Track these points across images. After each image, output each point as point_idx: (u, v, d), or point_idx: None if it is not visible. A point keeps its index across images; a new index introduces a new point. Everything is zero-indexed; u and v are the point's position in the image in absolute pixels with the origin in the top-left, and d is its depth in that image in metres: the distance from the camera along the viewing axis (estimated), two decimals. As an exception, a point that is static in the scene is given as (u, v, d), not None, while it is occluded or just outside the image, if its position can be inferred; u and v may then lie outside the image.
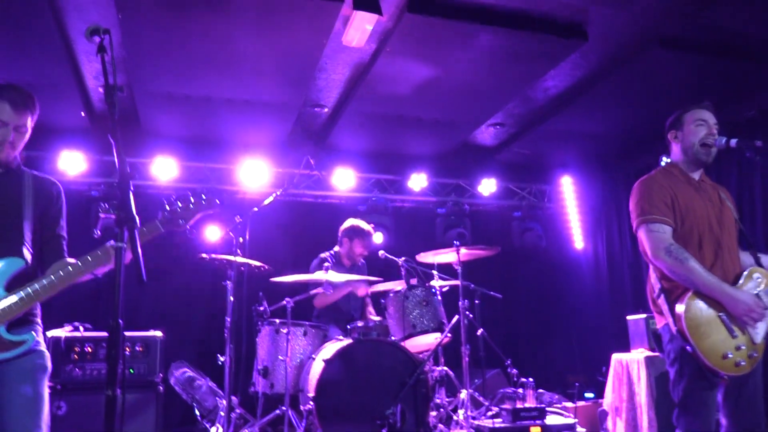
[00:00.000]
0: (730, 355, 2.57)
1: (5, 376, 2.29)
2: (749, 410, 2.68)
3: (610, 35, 4.46)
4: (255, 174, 6.31)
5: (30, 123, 2.50)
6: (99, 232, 2.49)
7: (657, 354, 4.64)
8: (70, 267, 2.34)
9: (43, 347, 2.43)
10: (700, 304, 2.62)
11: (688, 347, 2.59)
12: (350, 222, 5.43)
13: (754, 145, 2.81)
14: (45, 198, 2.55)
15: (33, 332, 2.35)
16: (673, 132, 2.98)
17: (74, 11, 4.04)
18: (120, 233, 1.69)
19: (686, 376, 2.64)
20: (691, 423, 2.65)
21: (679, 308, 2.62)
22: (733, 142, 2.84)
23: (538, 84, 5.19)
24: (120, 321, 1.62)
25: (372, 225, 5.64)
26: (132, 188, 1.79)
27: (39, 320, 2.51)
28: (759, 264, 2.84)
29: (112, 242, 1.78)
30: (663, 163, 5.88)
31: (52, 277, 2.32)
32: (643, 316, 4.93)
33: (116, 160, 1.84)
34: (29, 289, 2.29)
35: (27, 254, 2.39)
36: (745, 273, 2.75)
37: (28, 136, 2.51)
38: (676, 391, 2.70)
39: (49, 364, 2.42)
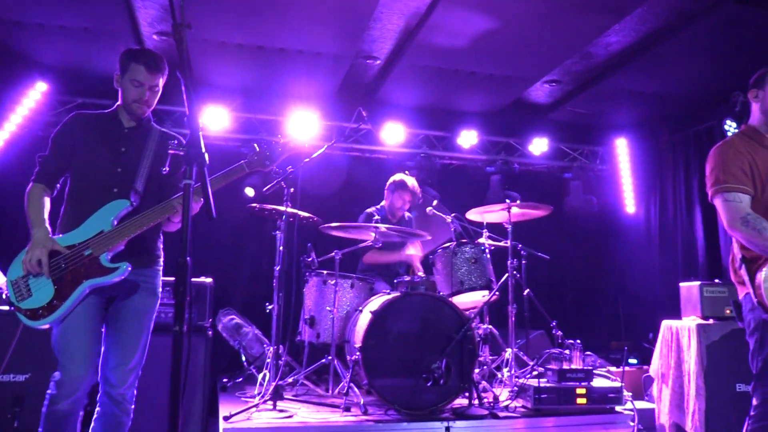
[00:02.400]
0: None
1: (120, 311, 2.68)
2: None
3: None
4: (305, 126, 6.29)
5: (161, 83, 2.82)
6: (168, 168, 2.60)
7: (709, 322, 4.52)
8: (164, 204, 2.65)
9: (156, 289, 2.81)
10: None
11: None
12: (395, 177, 5.46)
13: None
14: (165, 151, 2.82)
15: (128, 264, 2.61)
16: (754, 91, 2.82)
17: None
18: (189, 170, 1.69)
19: (766, 346, 2.57)
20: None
21: (760, 278, 2.53)
22: None
23: (600, 39, 4.98)
24: (188, 259, 1.62)
25: (419, 180, 5.62)
26: (201, 125, 1.78)
27: (157, 262, 2.86)
28: None
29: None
30: (726, 127, 5.70)
31: (149, 212, 2.64)
32: (697, 283, 4.80)
33: (185, 97, 1.83)
34: (129, 223, 2.61)
35: (134, 197, 2.68)
36: None
37: (159, 95, 2.84)
38: (755, 361, 2.63)
39: (153, 307, 2.79)
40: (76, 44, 5.18)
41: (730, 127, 5.66)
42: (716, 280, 4.78)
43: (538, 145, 7.02)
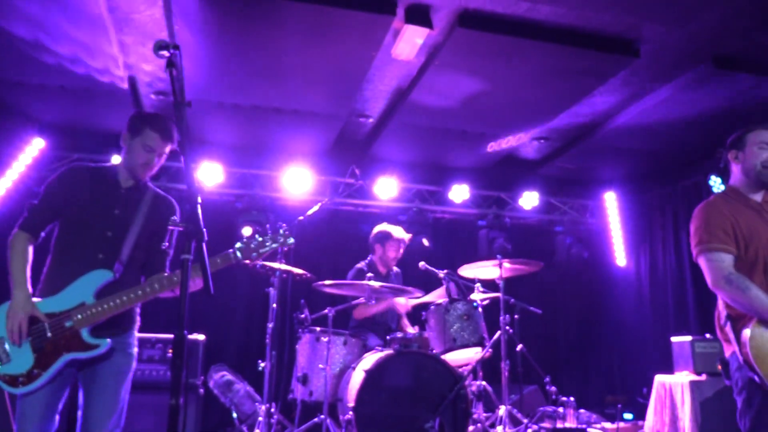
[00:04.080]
0: None
1: (96, 373, 2.63)
2: None
3: (663, 53, 4.40)
4: (298, 181, 6.39)
5: (169, 150, 2.81)
6: (167, 244, 2.60)
7: (702, 378, 4.54)
8: (155, 283, 2.61)
9: (131, 350, 2.75)
10: (767, 332, 2.55)
11: (755, 377, 2.52)
12: (379, 227, 5.46)
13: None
14: (158, 216, 2.80)
15: (109, 339, 2.59)
16: (734, 152, 2.89)
17: (126, 25, 4.16)
18: (187, 245, 1.73)
19: (755, 406, 2.57)
20: None
21: (745, 336, 2.55)
22: None
23: (587, 99, 5.14)
24: (185, 333, 1.66)
25: (410, 234, 5.65)
26: (199, 200, 1.83)
27: (134, 326, 2.81)
28: None
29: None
30: (711, 182, 5.82)
31: (138, 290, 2.60)
32: (689, 338, 4.83)
33: (186, 174, 1.88)
34: (113, 299, 2.56)
35: (118, 267, 2.65)
36: None
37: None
38: (743, 420, 2.63)
39: (129, 367, 2.73)
40: (75, 102, 5.30)
41: (715, 182, 5.81)
42: (707, 335, 4.81)
43: (529, 199, 7.13)
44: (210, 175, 6.19)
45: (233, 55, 4.48)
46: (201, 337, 4.62)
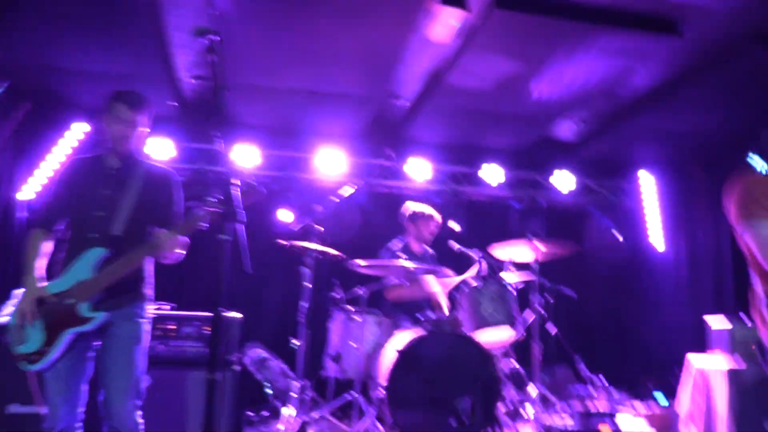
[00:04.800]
0: None
1: (107, 345, 2.77)
2: None
3: (706, 32, 4.28)
4: (333, 163, 6.45)
5: (145, 120, 2.90)
6: (187, 221, 2.69)
7: (741, 366, 4.47)
8: (139, 250, 2.73)
9: (139, 319, 2.85)
10: None
11: None
12: (409, 207, 5.43)
13: None
14: (153, 188, 2.90)
15: (105, 312, 2.74)
16: None
17: (172, 6, 4.23)
18: (224, 226, 1.80)
19: None
20: None
21: None
22: None
23: (626, 81, 5.05)
24: (222, 311, 1.72)
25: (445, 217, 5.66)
26: (238, 182, 1.88)
27: (140, 297, 2.89)
28: None
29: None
30: (753, 162, 5.66)
31: (125, 258, 2.72)
32: (727, 322, 4.75)
33: (223, 157, 1.94)
34: (105, 271, 2.71)
35: (111, 243, 2.77)
36: None
37: (145, 131, 2.92)
38: None
39: (138, 335, 2.84)
40: (116, 88, 5.41)
41: (757, 163, 5.65)
42: (743, 316, 4.73)
43: (564, 181, 7.06)
44: (247, 157, 6.29)
45: (270, 39, 4.53)
46: (238, 315, 4.72)
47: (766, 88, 4.91)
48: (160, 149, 6.08)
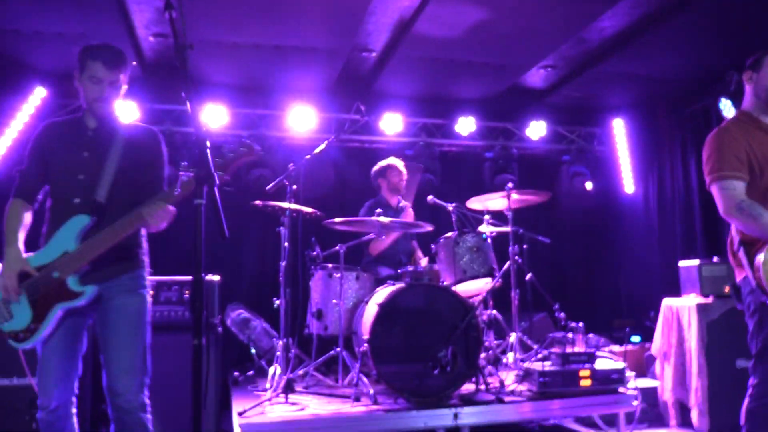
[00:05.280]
0: None
1: (106, 319, 2.65)
2: None
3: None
4: (303, 119, 6.35)
5: (123, 78, 2.69)
6: (179, 190, 2.54)
7: (710, 300, 4.61)
8: (124, 219, 2.54)
9: (140, 290, 2.72)
10: None
11: (767, 300, 2.58)
12: (376, 166, 5.63)
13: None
14: (136, 149, 2.72)
15: (95, 285, 2.59)
16: (749, 73, 2.87)
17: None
18: (199, 190, 1.75)
19: (766, 327, 2.65)
20: (766, 374, 2.67)
21: (759, 261, 2.59)
22: None
23: (594, 24, 5.01)
24: (202, 275, 1.70)
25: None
26: (207, 142, 1.82)
27: (137, 266, 2.76)
28: None
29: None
30: (722, 106, 5.73)
31: (113, 226, 2.54)
32: (696, 262, 4.88)
33: (192, 118, 1.88)
34: (90, 241, 2.55)
35: (96, 209, 2.60)
36: None
37: (122, 90, 2.71)
38: (754, 342, 2.72)
39: (140, 307, 2.71)
40: (73, 49, 5.21)
41: (725, 105, 5.72)
42: (715, 259, 4.85)
43: (536, 129, 7.06)
44: (215, 116, 6.15)
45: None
46: (216, 278, 4.70)
47: (729, 30, 4.92)
48: (123, 111, 5.90)
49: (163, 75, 5.69)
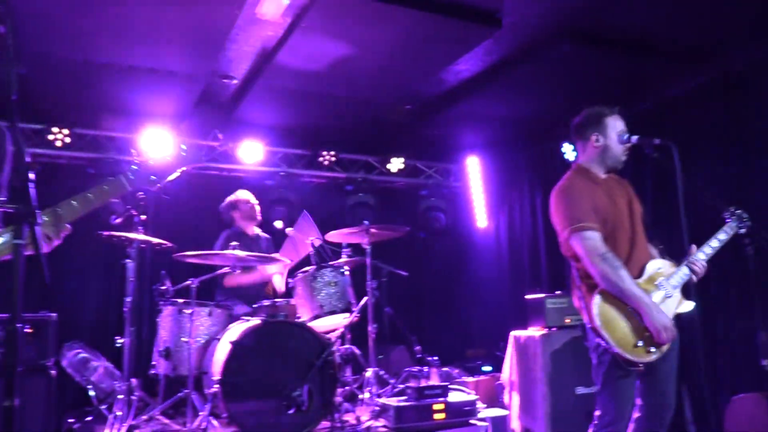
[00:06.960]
0: (640, 344, 2.74)
1: None
2: (661, 394, 2.89)
3: (523, 25, 4.55)
4: (158, 144, 6.00)
5: None
6: None
7: (553, 331, 4.89)
8: None
9: None
10: (610, 299, 2.77)
11: (603, 342, 2.75)
12: (225, 201, 5.57)
13: (652, 143, 2.97)
14: None
15: None
16: (596, 135, 3.00)
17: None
18: (18, 229, 1.54)
19: (604, 364, 2.82)
20: (607, 406, 2.84)
21: (592, 305, 2.77)
22: (635, 138, 3.00)
23: (451, 67, 5.24)
24: (19, 326, 1.49)
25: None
26: (31, 177, 1.61)
27: None
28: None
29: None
30: (564, 150, 6.18)
31: None
32: (541, 295, 5.17)
33: (14, 149, 1.67)
34: None
35: None
36: (647, 266, 2.91)
37: None
38: (597, 376, 2.88)
39: None
40: None
41: (567, 150, 6.20)
42: (558, 292, 5.17)
43: (395, 164, 7.25)
44: (56, 139, 5.66)
45: (77, 7, 4.06)
46: (52, 315, 4.28)
47: (573, 79, 5.36)
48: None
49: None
